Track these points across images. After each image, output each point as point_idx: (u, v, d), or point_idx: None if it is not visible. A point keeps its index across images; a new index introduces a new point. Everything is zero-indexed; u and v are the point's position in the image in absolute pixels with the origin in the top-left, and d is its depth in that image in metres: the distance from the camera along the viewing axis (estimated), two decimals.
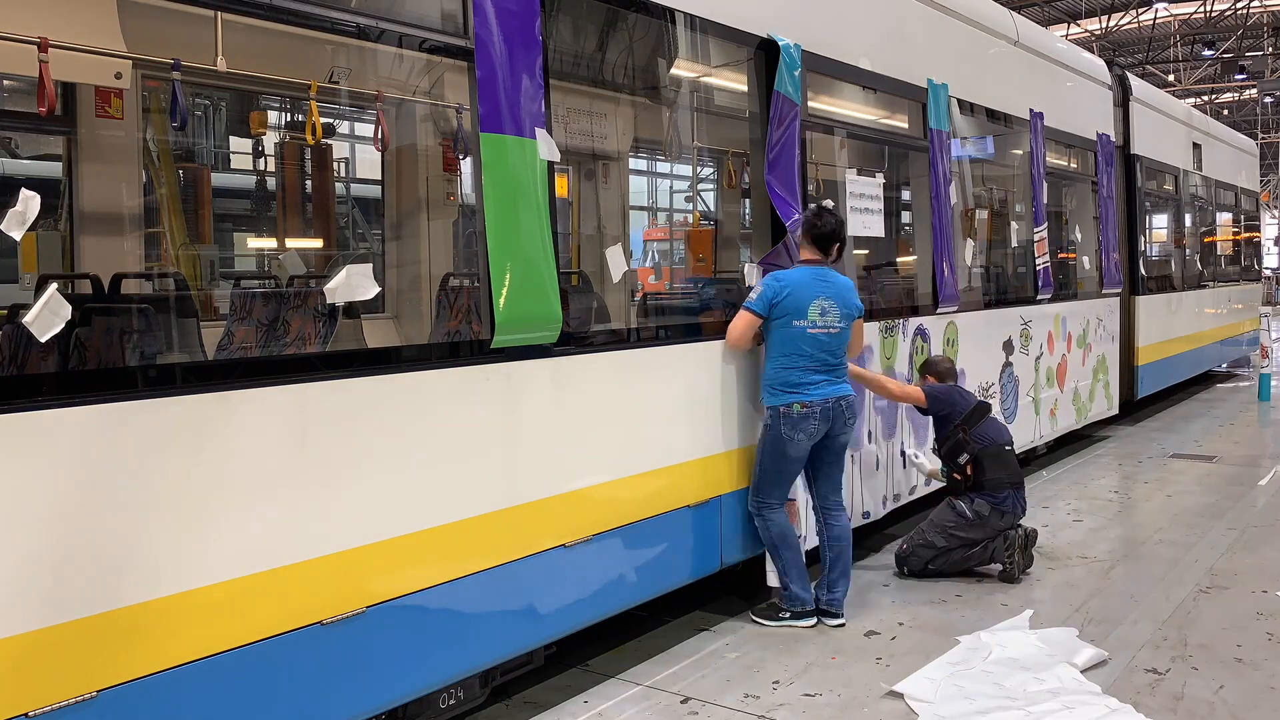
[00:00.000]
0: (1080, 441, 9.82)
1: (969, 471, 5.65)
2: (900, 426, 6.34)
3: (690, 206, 9.40)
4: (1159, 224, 12.50)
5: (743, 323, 4.80)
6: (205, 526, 2.84)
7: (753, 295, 4.80)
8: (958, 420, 5.72)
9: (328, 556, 3.13)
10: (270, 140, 6.94)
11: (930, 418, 5.96)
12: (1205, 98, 35.03)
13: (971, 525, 5.57)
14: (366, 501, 3.27)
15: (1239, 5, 26.86)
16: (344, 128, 7.35)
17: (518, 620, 3.81)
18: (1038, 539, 5.79)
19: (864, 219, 6.09)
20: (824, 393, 4.78)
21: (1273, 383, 13.14)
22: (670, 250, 11.59)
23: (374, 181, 7.28)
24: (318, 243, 6.27)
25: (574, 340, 4.06)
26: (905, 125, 6.80)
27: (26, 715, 2.46)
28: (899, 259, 7.49)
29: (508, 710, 4.11)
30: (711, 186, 8.44)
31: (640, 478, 4.39)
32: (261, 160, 7.26)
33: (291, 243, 6.17)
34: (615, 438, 4.28)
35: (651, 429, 4.49)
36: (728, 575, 5.12)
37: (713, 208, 8.62)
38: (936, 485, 6.82)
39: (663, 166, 9.90)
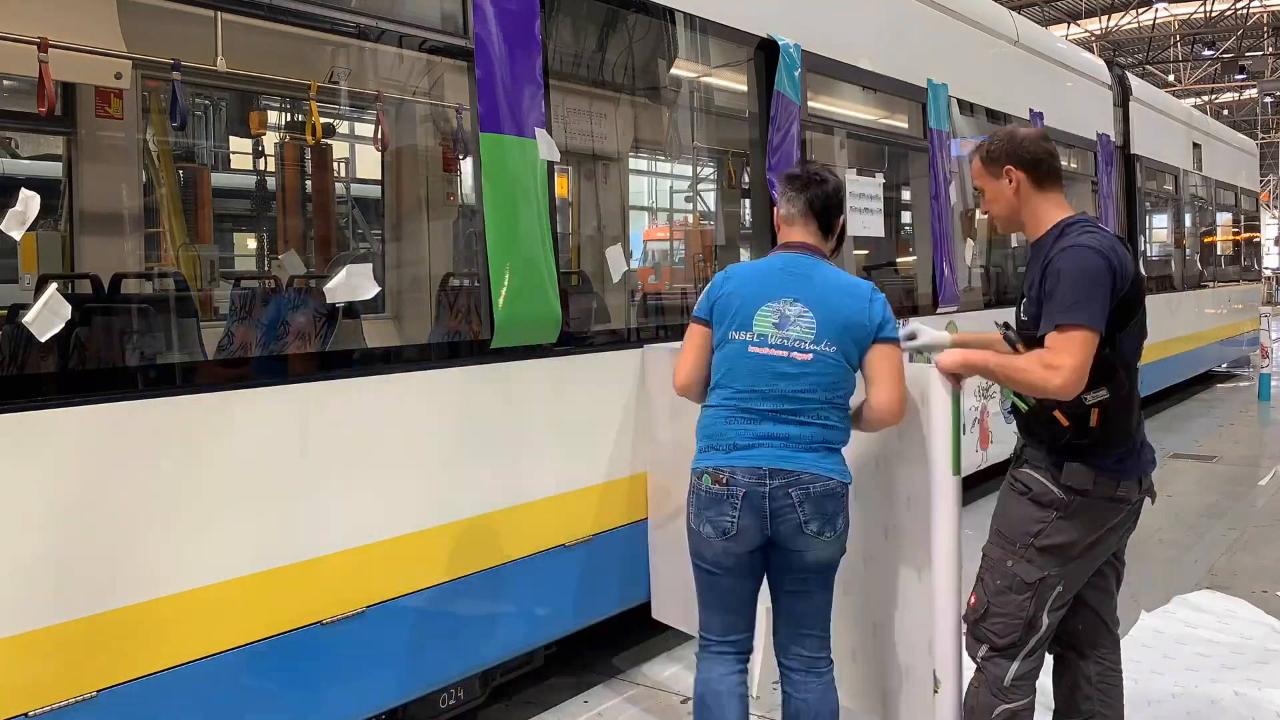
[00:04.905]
0: None
1: (1094, 420, 2.69)
2: None
3: (690, 206, 9.39)
4: (1159, 224, 12.49)
5: (688, 343, 2.97)
6: (205, 527, 2.84)
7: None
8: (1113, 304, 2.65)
9: (327, 557, 3.14)
10: (270, 140, 6.94)
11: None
12: (1205, 98, 35.05)
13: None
14: (368, 503, 3.28)
15: (1239, 5, 26.88)
16: (344, 128, 7.35)
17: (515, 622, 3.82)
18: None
19: (864, 219, 6.10)
20: (755, 458, 2.74)
21: (1273, 383, 13.14)
22: (670, 250, 11.61)
23: (374, 181, 7.28)
24: (318, 243, 6.27)
25: (574, 340, 4.06)
26: (905, 125, 6.80)
27: (26, 715, 2.46)
28: (899, 259, 7.49)
29: (507, 710, 4.11)
30: (711, 186, 8.44)
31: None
32: (261, 160, 7.26)
33: (291, 243, 6.17)
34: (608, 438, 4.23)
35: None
36: None
37: (713, 208, 8.62)
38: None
39: (663, 166, 9.88)
